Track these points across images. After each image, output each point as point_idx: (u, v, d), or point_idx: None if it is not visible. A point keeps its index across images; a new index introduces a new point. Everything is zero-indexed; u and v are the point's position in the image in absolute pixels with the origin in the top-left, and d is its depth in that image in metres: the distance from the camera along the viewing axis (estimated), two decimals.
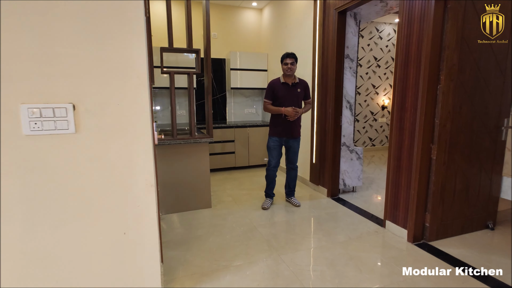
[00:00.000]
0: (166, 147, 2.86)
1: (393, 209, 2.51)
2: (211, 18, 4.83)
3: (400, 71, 2.35)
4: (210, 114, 2.99)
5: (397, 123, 2.40)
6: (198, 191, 3.07)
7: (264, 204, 3.14)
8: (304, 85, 3.01)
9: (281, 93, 2.92)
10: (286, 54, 2.87)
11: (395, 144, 2.44)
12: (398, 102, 2.38)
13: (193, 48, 2.82)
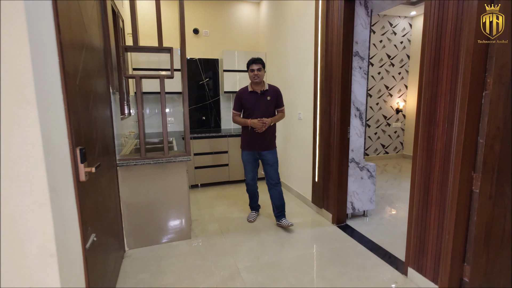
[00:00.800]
0: (133, 168, 2.33)
1: (418, 254, 1.91)
2: (202, 14, 4.30)
3: (428, 73, 1.75)
4: (187, 126, 2.45)
5: (424, 143, 1.80)
6: (174, 219, 2.53)
7: (249, 217, 2.99)
8: (275, 92, 2.74)
9: (249, 102, 2.69)
10: (251, 60, 2.64)
11: (421, 171, 1.83)
12: (426, 114, 1.78)
13: (163, 47, 2.28)
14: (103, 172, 1.75)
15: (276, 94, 2.75)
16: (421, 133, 1.81)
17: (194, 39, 4.34)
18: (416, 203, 1.89)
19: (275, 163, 2.78)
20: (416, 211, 1.89)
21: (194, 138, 3.95)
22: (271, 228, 2.81)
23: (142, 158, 2.33)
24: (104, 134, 1.86)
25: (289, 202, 3.48)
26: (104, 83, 1.94)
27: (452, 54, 1.60)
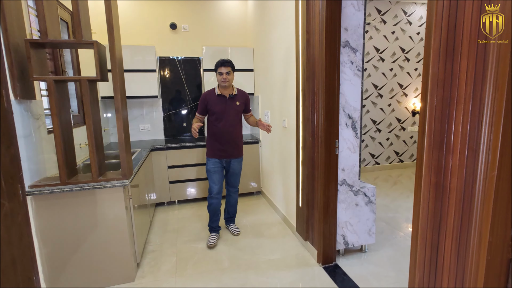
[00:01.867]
0: (51, 196, 1.83)
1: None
2: (180, 6, 3.78)
3: (436, 66, 1.11)
4: (121, 139, 1.91)
5: (431, 176, 1.16)
6: (110, 258, 2.01)
7: (209, 242, 2.57)
8: (244, 97, 2.63)
9: (217, 107, 2.49)
10: (220, 62, 2.42)
11: (427, 219, 1.19)
12: (433, 132, 1.13)
13: (83, 41, 1.75)
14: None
15: (245, 99, 2.63)
16: (426, 161, 1.17)
17: (171, 35, 3.83)
18: (420, 266, 1.24)
19: (240, 171, 2.72)
20: (419, 278, 1.25)
21: (168, 149, 3.43)
22: (238, 264, 2.23)
23: (62, 183, 1.82)
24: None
25: (271, 227, 2.88)
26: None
27: (472, 38, 0.96)
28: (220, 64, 2.41)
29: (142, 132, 3.88)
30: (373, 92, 4.71)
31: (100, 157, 1.97)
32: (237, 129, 2.57)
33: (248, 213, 3.28)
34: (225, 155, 2.56)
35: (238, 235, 2.71)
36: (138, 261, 2.24)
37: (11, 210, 1.60)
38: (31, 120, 1.86)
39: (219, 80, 2.43)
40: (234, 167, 2.65)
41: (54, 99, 1.74)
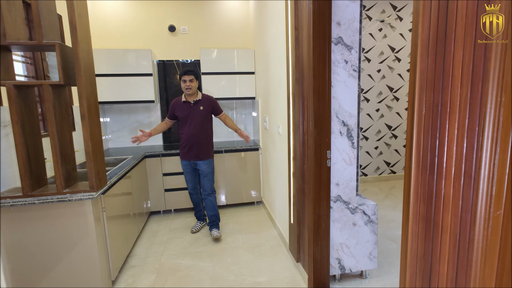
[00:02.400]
0: (15, 209, 1.72)
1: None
2: (178, 8, 3.66)
3: (425, 62, 0.84)
4: (88, 150, 1.77)
5: (419, 207, 0.89)
6: (79, 276, 1.87)
7: (192, 228, 2.97)
8: (208, 101, 2.73)
9: (182, 113, 2.68)
10: (183, 71, 2.59)
11: (414, 266, 0.92)
12: (421, 148, 0.86)
13: (44, 43, 1.63)
14: None
15: (210, 103, 2.73)
16: (413, 186, 0.89)
17: (170, 38, 3.71)
18: None
19: (209, 174, 2.78)
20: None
21: (163, 156, 3.30)
22: (219, 285, 2.02)
23: (24, 196, 1.70)
24: None
25: (265, 243, 2.63)
26: None
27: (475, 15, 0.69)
28: (184, 73, 2.58)
29: None
30: (388, 95, 4.33)
31: (68, 167, 1.84)
32: (203, 132, 2.69)
33: (243, 224, 3.06)
34: (191, 157, 2.71)
35: (217, 240, 2.72)
36: (113, 278, 2.08)
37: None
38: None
39: (183, 87, 2.61)
40: (202, 169, 2.75)
41: (15, 105, 1.63)
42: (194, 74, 2.61)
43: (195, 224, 3.00)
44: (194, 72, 2.62)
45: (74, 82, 1.78)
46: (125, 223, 2.41)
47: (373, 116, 4.34)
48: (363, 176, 4.46)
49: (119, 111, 3.68)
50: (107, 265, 1.99)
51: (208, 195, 2.81)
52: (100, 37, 3.49)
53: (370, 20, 4.11)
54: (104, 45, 3.51)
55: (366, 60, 4.19)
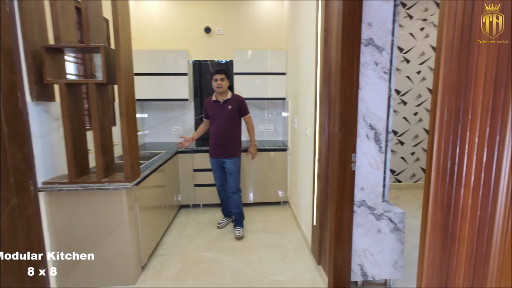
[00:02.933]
0: (62, 194, 1.93)
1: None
2: (215, 10, 3.79)
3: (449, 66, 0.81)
4: (125, 144, 1.92)
5: (437, 215, 0.86)
6: (113, 258, 2.04)
7: (218, 223, 3.06)
8: (238, 101, 2.79)
9: (212, 111, 2.77)
10: (215, 70, 2.66)
11: (431, 275, 0.89)
12: (441, 156, 0.83)
13: (90, 45, 1.81)
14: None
15: (238, 103, 2.78)
16: (432, 193, 0.86)
17: (205, 39, 3.86)
18: None
19: (235, 172, 2.82)
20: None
21: (194, 152, 3.45)
22: (240, 281, 2.07)
23: (70, 182, 1.90)
24: None
25: (288, 243, 2.65)
26: None
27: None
28: (215, 72, 2.66)
29: (174, 134, 3.99)
30: (428, 98, 4.08)
31: (108, 158, 2.02)
32: (230, 131, 2.76)
33: (268, 223, 3.10)
34: (218, 155, 2.80)
35: (240, 239, 2.75)
36: (143, 264, 2.24)
37: (19, 205, 1.70)
38: (50, 121, 1.99)
39: (214, 86, 2.67)
40: (228, 167, 2.82)
41: (65, 101, 1.83)
42: (225, 73, 2.67)
43: (221, 220, 3.09)
44: (225, 71, 2.68)
45: (115, 81, 1.95)
46: (156, 213, 2.57)
47: (410, 120, 4.12)
48: (396, 183, 4.26)
49: (156, 108, 3.91)
50: (138, 251, 2.15)
51: (233, 193, 2.84)
52: (142, 39, 3.74)
53: (411, 19, 3.91)
54: (146, 46, 3.75)
55: (405, 61, 3.99)
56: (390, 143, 2.01)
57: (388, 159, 2.02)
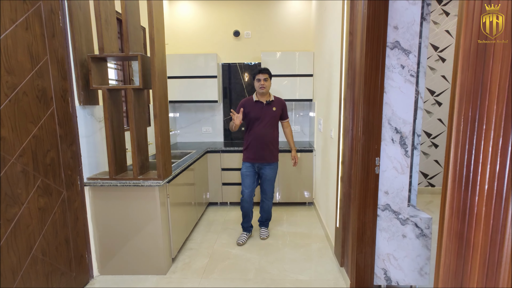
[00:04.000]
0: (103, 188, 2.14)
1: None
2: (243, 14, 3.90)
3: (466, 74, 0.82)
4: (158, 143, 2.08)
5: (452, 222, 0.87)
6: (147, 249, 2.22)
7: (239, 239, 2.74)
8: (281, 104, 2.68)
9: (254, 112, 2.60)
10: (258, 70, 2.57)
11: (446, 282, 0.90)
12: (458, 162, 0.85)
13: (130, 54, 1.98)
14: (37, 192, 1.56)
15: (282, 105, 2.69)
16: (449, 200, 0.88)
17: (234, 42, 3.98)
18: None
19: (273, 178, 2.72)
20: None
21: (222, 152, 3.59)
22: (263, 278, 2.14)
23: (110, 178, 2.10)
24: (51, 155, 1.69)
25: (311, 244, 2.68)
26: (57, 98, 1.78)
27: None
28: (259, 71, 2.56)
29: (204, 134, 4.16)
30: None
31: (143, 157, 2.20)
32: (272, 134, 2.64)
33: (292, 223, 3.14)
34: (257, 159, 2.63)
35: (264, 239, 2.76)
36: (174, 256, 2.40)
37: (69, 197, 1.92)
38: (94, 123, 2.21)
39: (257, 86, 2.57)
40: (266, 173, 2.68)
41: (107, 105, 2.02)
42: (268, 73, 2.58)
43: (241, 235, 2.79)
44: (269, 71, 2.59)
45: (150, 86, 2.11)
46: (186, 210, 2.73)
47: (445, 122, 3.92)
48: (429, 187, 4.08)
49: (187, 109, 4.11)
50: (168, 244, 2.31)
51: (269, 199, 2.77)
52: (175, 43, 3.95)
53: (447, 16, 3.72)
54: (178, 50, 3.96)
55: (440, 59, 3.82)
56: (419, 146, 1.97)
57: (417, 163, 1.99)
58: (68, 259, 1.94)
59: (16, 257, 1.53)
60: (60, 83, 1.85)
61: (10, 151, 1.50)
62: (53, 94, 1.79)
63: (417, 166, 2.00)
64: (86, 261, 2.14)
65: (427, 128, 3.95)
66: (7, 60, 1.47)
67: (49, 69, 1.76)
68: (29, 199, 1.62)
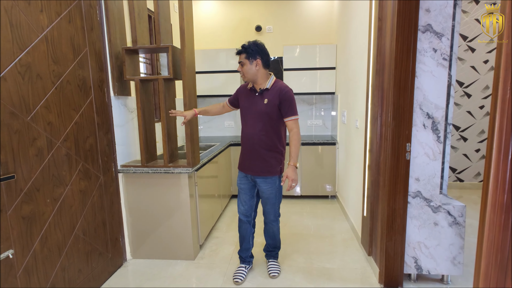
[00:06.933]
0: (135, 175, 2.23)
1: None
2: (265, 9, 3.93)
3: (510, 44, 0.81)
4: (188, 133, 2.15)
5: (497, 198, 0.86)
6: (176, 235, 2.29)
7: (235, 276, 2.02)
8: (278, 94, 1.82)
9: (243, 102, 1.96)
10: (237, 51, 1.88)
11: (489, 257, 0.89)
12: (503, 135, 0.83)
13: (161, 46, 2.06)
14: (72, 180, 1.67)
15: (280, 97, 1.81)
16: (493, 174, 0.87)
17: (256, 37, 4.01)
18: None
19: (272, 197, 1.95)
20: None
21: None
22: (289, 264, 2.16)
23: (142, 166, 2.19)
24: (90, 142, 1.79)
25: (336, 235, 2.67)
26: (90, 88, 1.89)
27: None
28: (237, 53, 1.89)
29: (227, 128, 4.23)
30: None
31: (172, 146, 2.27)
32: (264, 136, 1.86)
33: (316, 215, 3.14)
34: (246, 169, 1.96)
35: (275, 278, 2.04)
36: (201, 243, 2.47)
37: (105, 182, 2.02)
38: (127, 113, 2.31)
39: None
40: (262, 190, 1.94)
41: (140, 96, 2.11)
42: (247, 53, 1.81)
43: (238, 270, 2.07)
44: (248, 49, 1.81)
45: (180, 77, 2.19)
46: (211, 201, 2.79)
47: (475, 114, 3.78)
48: (458, 182, 3.94)
49: (210, 104, 4.19)
50: (197, 231, 2.37)
51: (271, 222, 2.06)
52: (198, 39, 4.03)
53: (477, 4, 3.59)
54: (201, 46, 4.04)
55: (469, 49, 3.68)
56: (450, 135, 1.92)
57: (448, 153, 1.94)
58: (105, 240, 2.04)
59: (61, 234, 1.64)
60: (98, 73, 1.96)
61: (56, 136, 1.60)
62: (92, 84, 1.90)
63: (448, 156, 1.95)
64: (120, 244, 2.24)
65: (456, 121, 3.82)
66: (54, 51, 1.58)
67: (88, 60, 1.86)
68: (72, 181, 1.72)
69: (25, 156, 1.41)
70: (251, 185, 2.00)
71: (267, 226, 2.12)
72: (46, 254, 1.54)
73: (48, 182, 1.55)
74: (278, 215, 2.07)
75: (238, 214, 2.09)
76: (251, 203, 2.05)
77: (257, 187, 2.00)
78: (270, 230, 2.11)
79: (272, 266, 2.12)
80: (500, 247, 0.86)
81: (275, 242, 2.15)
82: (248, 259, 2.14)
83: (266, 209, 2.05)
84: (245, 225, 2.08)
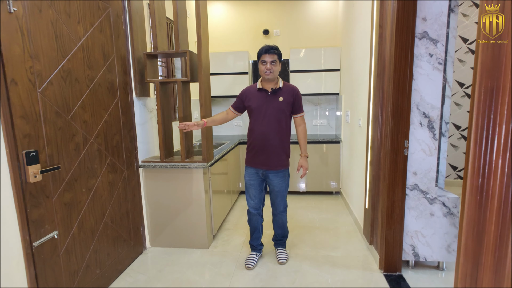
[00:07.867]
0: (154, 170, 2.43)
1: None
2: (272, 13, 4.11)
3: (486, 53, 0.98)
4: (204, 131, 2.34)
5: (473, 182, 1.03)
6: (192, 226, 2.49)
7: (247, 262, 2.23)
8: (292, 92, 2.07)
9: (255, 102, 2.06)
10: (264, 49, 1.96)
11: (468, 230, 1.06)
12: (478, 130, 1.01)
13: (180, 51, 2.25)
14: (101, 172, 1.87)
15: (293, 95, 2.06)
16: (471, 160, 1.04)
17: (264, 41, 4.20)
18: (462, 278, 1.10)
19: (283, 190, 2.15)
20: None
21: None
22: (296, 253, 2.34)
23: (161, 161, 2.39)
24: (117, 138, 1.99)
25: (340, 227, 2.84)
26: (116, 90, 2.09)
27: None
28: (265, 50, 1.95)
29: (236, 128, 4.42)
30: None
31: (189, 143, 2.47)
32: (278, 132, 2.04)
33: (321, 209, 3.31)
34: (260, 164, 2.09)
35: (283, 264, 2.22)
36: (214, 234, 2.66)
37: (128, 176, 2.22)
38: (146, 113, 2.51)
39: (262, 70, 1.99)
40: (274, 184, 2.12)
41: (159, 97, 2.31)
42: (277, 54, 1.97)
43: (249, 256, 2.26)
44: (278, 51, 1.98)
45: (196, 79, 2.38)
46: (222, 195, 2.98)
47: None
48: (458, 180, 4.08)
49: (219, 104, 4.38)
50: (210, 222, 2.56)
51: (281, 212, 2.24)
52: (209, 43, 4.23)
53: (477, 8, 3.73)
54: (211, 49, 4.23)
55: (469, 52, 3.82)
56: (446, 134, 2.08)
57: (444, 150, 2.09)
58: (128, 229, 2.24)
59: (94, 220, 1.84)
60: (123, 77, 2.16)
61: (90, 132, 1.80)
62: (118, 86, 2.09)
63: (444, 153, 2.11)
64: (141, 233, 2.44)
65: (456, 121, 3.96)
66: (88, 57, 1.78)
67: (115, 65, 2.06)
68: (102, 173, 1.92)
69: (66, 150, 1.61)
70: (260, 180, 2.19)
71: (276, 217, 2.30)
72: (82, 237, 1.74)
73: (84, 174, 1.75)
74: (286, 205, 2.27)
75: (248, 207, 2.28)
76: (260, 197, 2.24)
77: (265, 182, 2.21)
78: (279, 220, 2.29)
79: (280, 254, 2.31)
80: (476, 222, 1.03)
81: (283, 231, 2.33)
82: (259, 247, 2.34)
83: (276, 201, 2.22)
84: (256, 217, 2.27)
